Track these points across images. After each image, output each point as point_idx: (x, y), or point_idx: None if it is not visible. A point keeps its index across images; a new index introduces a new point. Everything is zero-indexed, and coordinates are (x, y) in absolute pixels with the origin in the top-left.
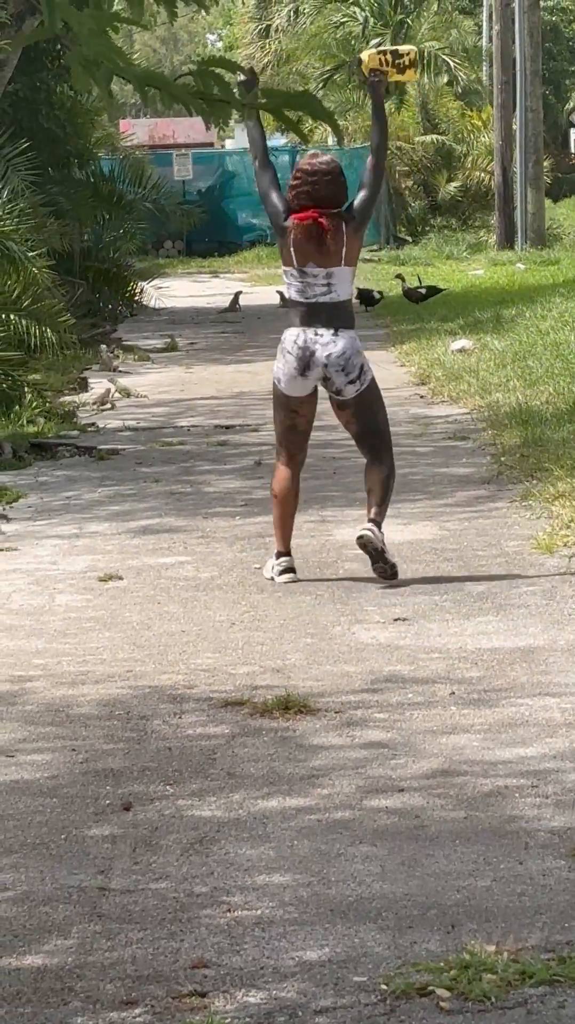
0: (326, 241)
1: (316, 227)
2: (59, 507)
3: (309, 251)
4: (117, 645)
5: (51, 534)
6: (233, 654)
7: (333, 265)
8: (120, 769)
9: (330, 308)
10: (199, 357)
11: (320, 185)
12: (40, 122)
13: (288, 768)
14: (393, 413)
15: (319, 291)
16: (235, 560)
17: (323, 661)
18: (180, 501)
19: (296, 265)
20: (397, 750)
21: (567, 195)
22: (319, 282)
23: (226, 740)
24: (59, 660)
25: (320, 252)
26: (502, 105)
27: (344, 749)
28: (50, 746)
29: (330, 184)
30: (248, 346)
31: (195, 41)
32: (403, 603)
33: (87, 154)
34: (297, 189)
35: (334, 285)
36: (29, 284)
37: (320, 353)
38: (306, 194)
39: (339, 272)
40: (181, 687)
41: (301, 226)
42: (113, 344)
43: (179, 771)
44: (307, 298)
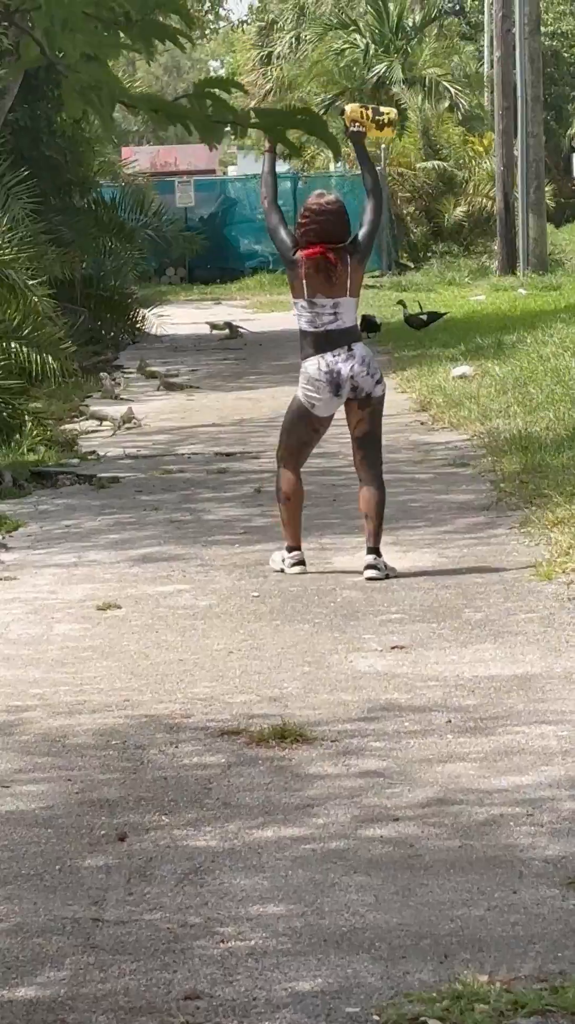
0: (333, 274)
1: (324, 261)
2: (59, 536)
3: (318, 283)
4: (114, 674)
5: (50, 563)
6: (230, 683)
7: (339, 296)
8: (115, 799)
9: (338, 333)
10: (201, 384)
11: (326, 223)
12: (41, 150)
13: (283, 798)
14: (394, 439)
15: (327, 319)
16: (233, 588)
17: (320, 690)
18: (180, 529)
19: (306, 296)
20: (393, 779)
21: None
22: (327, 312)
23: (222, 769)
24: (56, 689)
25: (328, 284)
26: (503, 131)
27: (340, 778)
28: (46, 776)
29: (335, 222)
30: (250, 373)
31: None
32: (401, 631)
33: (88, 182)
34: (306, 227)
35: (340, 314)
36: (30, 312)
37: (344, 370)
38: (314, 231)
39: (345, 302)
40: (178, 716)
41: (311, 260)
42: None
43: (175, 801)
44: (316, 327)
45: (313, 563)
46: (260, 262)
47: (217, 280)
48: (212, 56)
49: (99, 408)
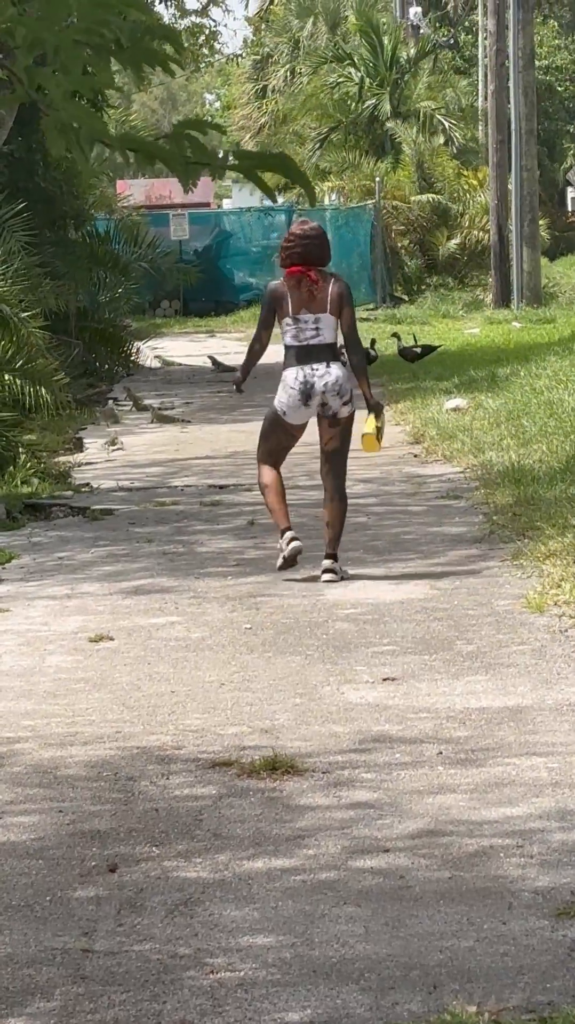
0: (315, 291)
1: (305, 278)
2: (52, 568)
3: (301, 300)
4: (106, 706)
5: (43, 595)
6: (222, 714)
7: (319, 311)
8: (106, 830)
9: (319, 348)
10: (195, 417)
11: (308, 246)
12: (36, 182)
13: (274, 829)
14: (387, 472)
15: (309, 334)
16: (226, 620)
17: (311, 721)
18: (173, 561)
19: (291, 313)
20: (383, 810)
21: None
22: (309, 327)
23: (213, 801)
24: (48, 721)
25: (311, 300)
26: (498, 164)
27: (331, 809)
28: (37, 807)
29: (316, 245)
30: (244, 405)
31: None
32: (393, 663)
33: (83, 215)
34: (290, 250)
35: (321, 329)
36: (23, 345)
37: (318, 384)
38: (297, 254)
39: (324, 318)
40: (169, 748)
41: (293, 278)
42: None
43: (165, 832)
44: (300, 341)
45: (305, 595)
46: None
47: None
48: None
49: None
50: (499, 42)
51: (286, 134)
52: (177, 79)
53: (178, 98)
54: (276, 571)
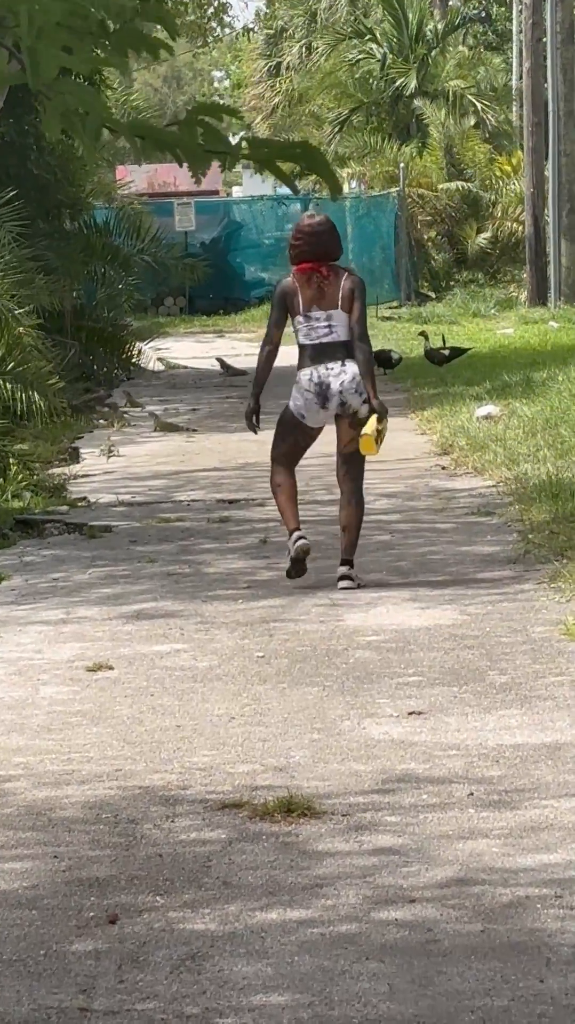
0: (326, 287)
1: (317, 275)
2: (45, 590)
3: (312, 297)
4: (105, 742)
5: (36, 619)
6: (232, 751)
7: (331, 308)
8: (106, 878)
9: (333, 346)
10: (201, 424)
11: (318, 242)
12: (29, 168)
13: (289, 877)
14: (412, 486)
15: (322, 332)
16: (236, 648)
17: (330, 759)
18: (178, 583)
19: (303, 311)
20: (409, 857)
21: None
22: (321, 324)
23: (222, 846)
24: (42, 758)
25: (321, 297)
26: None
27: (351, 856)
28: (30, 852)
29: (326, 241)
30: None
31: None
32: (419, 695)
33: (80, 204)
34: (299, 247)
35: (334, 326)
36: (14, 345)
37: (334, 384)
38: (307, 251)
39: (337, 315)
40: (174, 788)
41: (303, 275)
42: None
43: (170, 880)
44: (312, 340)
45: (323, 620)
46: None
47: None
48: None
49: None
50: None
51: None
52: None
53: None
54: (290, 589)
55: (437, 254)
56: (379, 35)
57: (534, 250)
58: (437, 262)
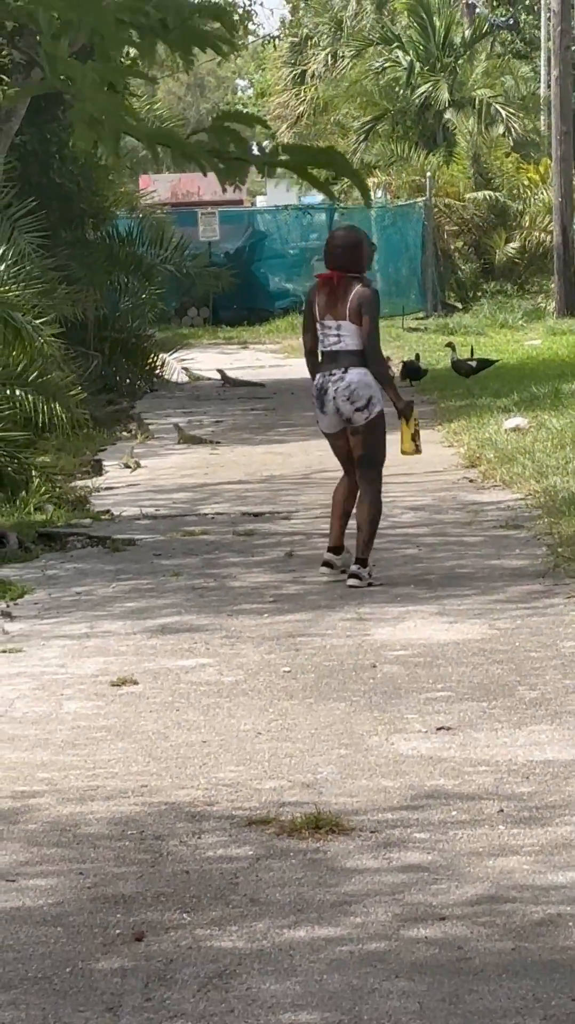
0: (336, 296)
1: (328, 281)
2: (69, 604)
3: (326, 305)
4: (130, 757)
5: (59, 633)
6: (258, 767)
7: (341, 318)
8: (132, 895)
9: (342, 355)
10: (226, 437)
11: (337, 251)
12: (51, 177)
13: (318, 894)
14: (439, 499)
15: (332, 340)
16: (262, 663)
17: (358, 775)
18: (203, 597)
19: (319, 318)
20: (439, 874)
21: None
22: (332, 332)
23: (249, 863)
24: (66, 774)
25: (332, 305)
26: (562, 158)
27: (380, 873)
28: (55, 869)
29: (345, 251)
30: (279, 425)
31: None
32: (448, 710)
33: (103, 213)
34: (324, 257)
35: (343, 336)
36: (36, 356)
37: (330, 390)
38: (328, 260)
39: (346, 325)
40: (200, 804)
41: (321, 282)
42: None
43: (197, 897)
44: (325, 347)
45: (350, 635)
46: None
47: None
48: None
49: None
50: (564, 23)
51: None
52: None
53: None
54: (317, 603)
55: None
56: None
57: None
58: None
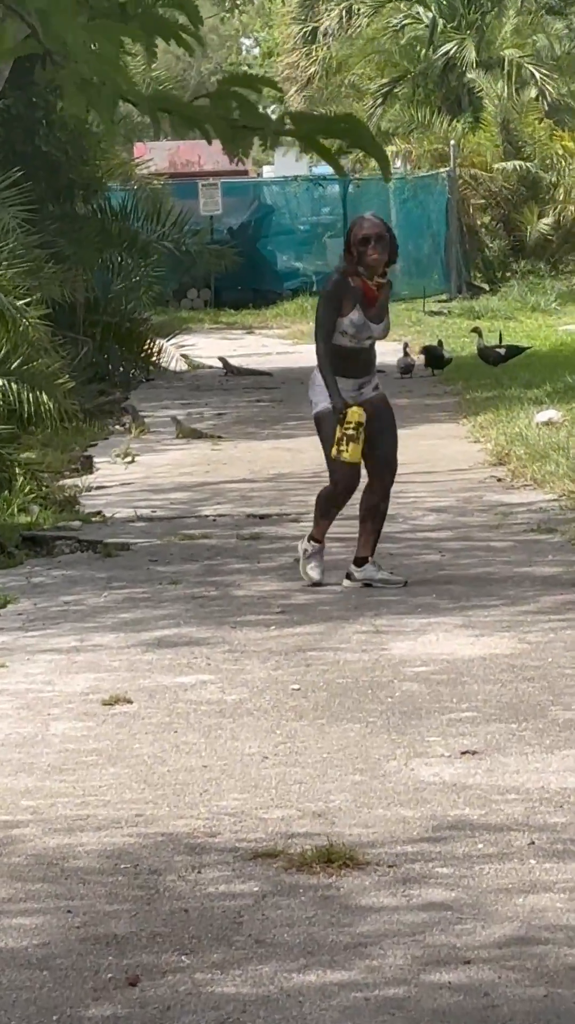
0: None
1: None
2: (56, 614)
3: None
4: (124, 783)
5: (46, 647)
6: (265, 794)
7: None
8: (125, 935)
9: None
10: (229, 431)
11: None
12: (37, 145)
13: (330, 935)
14: (464, 500)
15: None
16: (269, 679)
17: (374, 803)
18: (203, 607)
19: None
20: (463, 913)
21: None
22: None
23: (255, 900)
24: (53, 802)
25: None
26: None
27: (398, 911)
28: (41, 907)
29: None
30: (288, 418)
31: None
32: (473, 732)
33: (94, 184)
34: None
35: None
36: (20, 341)
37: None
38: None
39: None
40: (201, 835)
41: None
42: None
43: (197, 938)
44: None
45: (365, 649)
46: (302, 283)
47: (249, 304)
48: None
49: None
50: None
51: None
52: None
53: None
54: (329, 614)
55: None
56: None
57: None
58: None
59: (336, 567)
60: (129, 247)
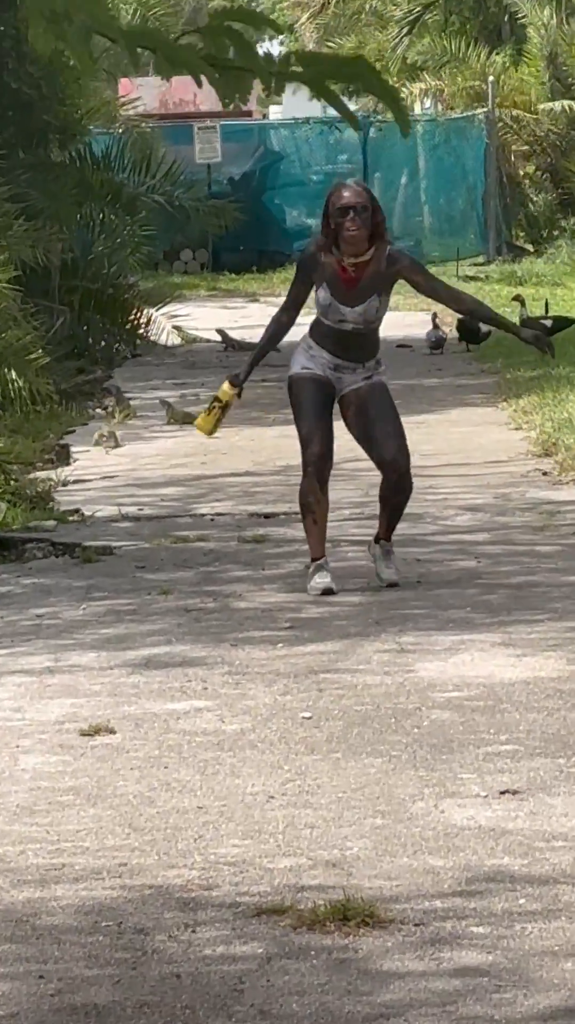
0: None
1: None
2: (26, 629)
3: None
4: (106, 827)
5: (14, 668)
6: (270, 840)
7: None
8: (107, 1004)
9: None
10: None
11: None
12: (6, 82)
13: (346, 1004)
14: (505, 496)
15: None
16: (275, 706)
17: (398, 851)
18: (199, 622)
19: None
20: (502, 979)
21: None
22: None
23: (258, 964)
24: (23, 848)
25: None
26: None
27: (427, 977)
28: (8, 971)
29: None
30: None
31: None
32: (513, 768)
33: (72, 128)
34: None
35: None
36: None
37: None
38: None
39: None
40: (196, 888)
41: None
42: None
43: (191, 1008)
44: None
45: (388, 671)
46: None
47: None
48: None
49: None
50: None
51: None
52: None
53: None
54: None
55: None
56: None
57: None
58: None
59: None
60: (113, 201)
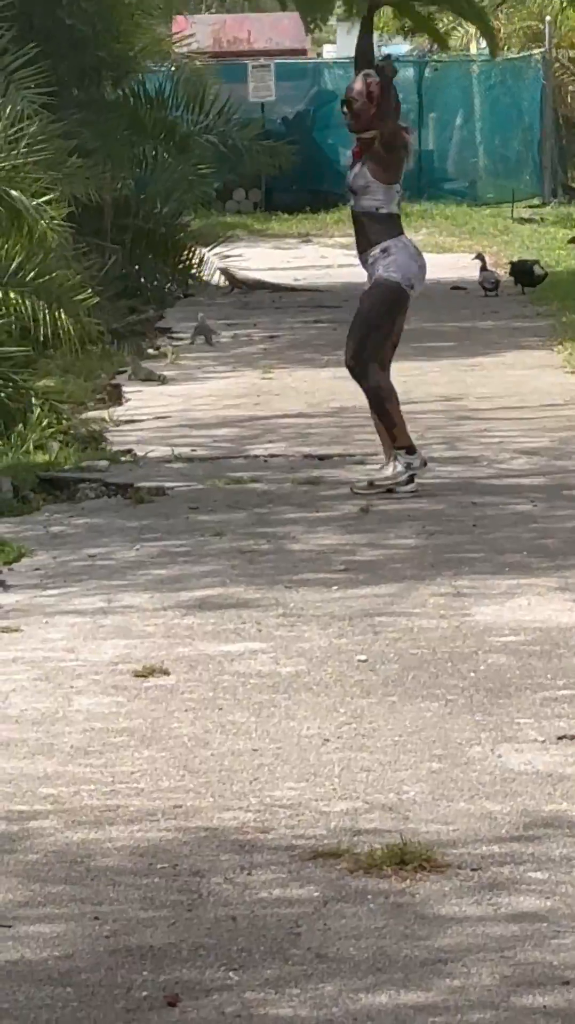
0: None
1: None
2: (79, 570)
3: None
4: (160, 769)
5: (67, 608)
6: (326, 784)
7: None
8: (163, 947)
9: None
10: (282, 357)
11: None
12: (59, 18)
13: (403, 949)
14: (562, 440)
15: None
16: (331, 649)
17: (455, 796)
18: (253, 563)
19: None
20: (560, 925)
21: None
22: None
23: (315, 907)
24: (77, 790)
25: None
26: None
27: (484, 922)
28: (63, 912)
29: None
30: None
31: None
32: (571, 713)
33: (126, 65)
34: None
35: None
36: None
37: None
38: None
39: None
40: (251, 830)
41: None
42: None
43: (247, 951)
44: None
45: (444, 615)
46: None
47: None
48: None
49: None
50: None
51: None
52: None
53: None
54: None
55: None
56: None
57: None
58: None
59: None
60: (166, 139)
